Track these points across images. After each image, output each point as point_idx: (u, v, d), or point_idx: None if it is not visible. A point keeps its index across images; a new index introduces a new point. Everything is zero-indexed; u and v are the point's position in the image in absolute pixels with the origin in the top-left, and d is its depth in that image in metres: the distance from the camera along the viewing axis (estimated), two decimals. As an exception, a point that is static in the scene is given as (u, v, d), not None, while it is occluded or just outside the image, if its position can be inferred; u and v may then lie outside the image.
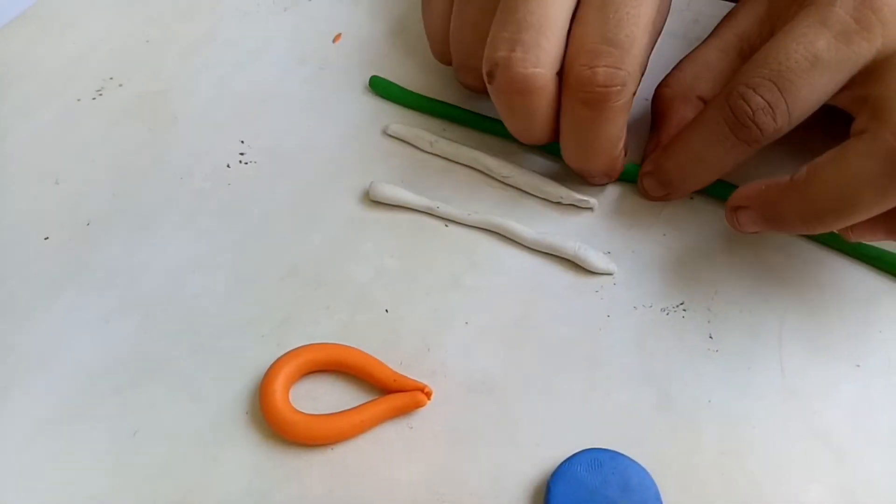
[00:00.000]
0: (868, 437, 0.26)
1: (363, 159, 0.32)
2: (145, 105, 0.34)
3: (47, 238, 0.30)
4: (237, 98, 0.34)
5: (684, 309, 0.28)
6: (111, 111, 0.34)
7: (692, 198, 0.31)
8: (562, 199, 0.31)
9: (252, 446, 0.25)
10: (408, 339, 0.28)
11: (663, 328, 0.28)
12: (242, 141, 0.33)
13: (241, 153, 0.33)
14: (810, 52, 0.24)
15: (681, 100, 0.30)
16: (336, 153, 0.33)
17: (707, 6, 0.37)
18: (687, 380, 0.27)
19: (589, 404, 0.26)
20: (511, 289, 0.29)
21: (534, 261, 0.30)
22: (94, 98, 0.34)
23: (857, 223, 0.24)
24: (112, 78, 0.35)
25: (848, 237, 0.26)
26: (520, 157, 0.32)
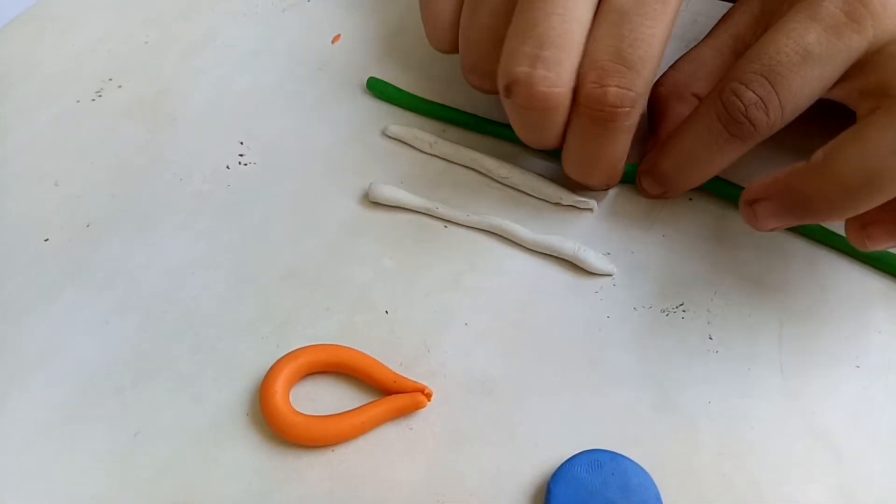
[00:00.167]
0: (868, 438, 0.26)
1: (362, 160, 0.32)
2: (145, 106, 0.34)
3: (47, 239, 0.30)
4: (236, 99, 0.34)
5: (684, 310, 0.28)
6: (111, 112, 0.34)
7: (691, 198, 0.31)
8: (561, 201, 0.31)
9: (252, 447, 0.25)
10: (408, 341, 0.28)
11: (663, 329, 0.28)
12: (242, 142, 0.33)
13: (241, 154, 0.33)
14: (801, 46, 0.24)
15: (676, 98, 0.30)
16: (335, 154, 0.33)
17: (705, 7, 0.37)
18: (687, 380, 0.27)
19: (589, 405, 0.26)
20: (510, 290, 0.29)
21: (533, 262, 0.30)
22: (94, 99, 0.34)
23: (875, 225, 0.24)
24: (111, 79, 0.35)
25: (864, 245, 0.25)
26: (519, 159, 0.32)
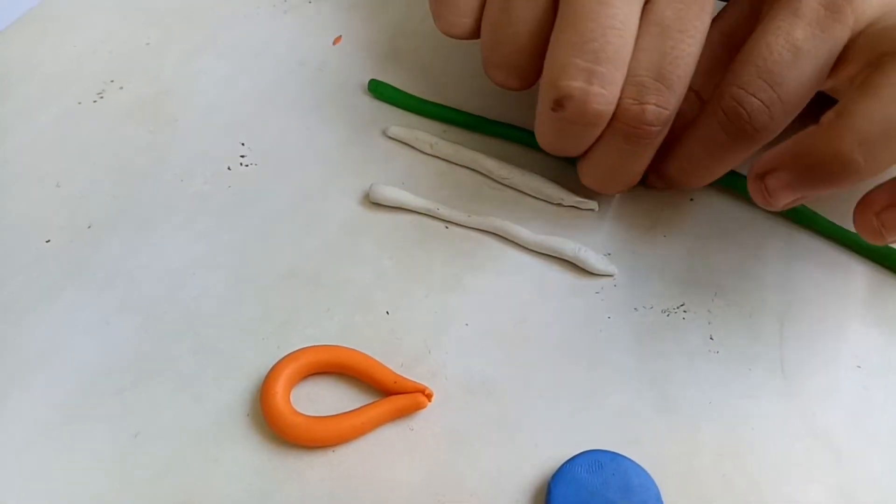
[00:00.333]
0: (868, 438, 0.26)
1: (363, 161, 0.32)
2: (146, 107, 0.34)
3: (48, 240, 0.30)
4: (237, 100, 0.35)
5: (685, 310, 0.28)
6: (112, 114, 0.34)
7: (692, 198, 0.31)
8: (562, 201, 0.31)
9: (253, 448, 0.25)
10: (408, 341, 0.28)
11: (663, 329, 0.28)
12: (243, 143, 0.33)
13: (242, 155, 0.33)
14: (790, 44, 0.24)
15: None
16: (336, 155, 0.33)
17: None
18: (687, 381, 0.27)
19: (589, 405, 0.26)
20: (511, 290, 0.29)
21: (534, 262, 0.30)
22: (95, 101, 0.35)
23: (890, 210, 0.23)
24: (113, 80, 0.35)
25: (879, 235, 0.23)
26: (520, 159, 0.32)
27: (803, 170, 0.23)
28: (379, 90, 0.34)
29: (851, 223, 0.24)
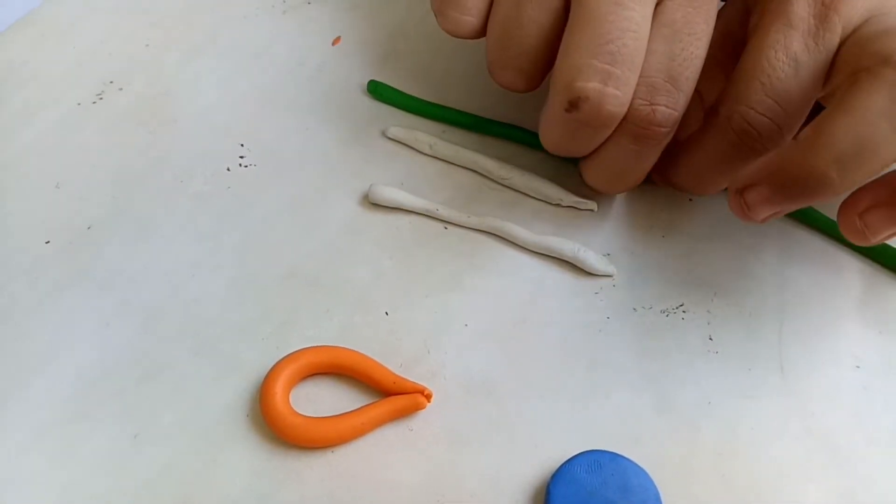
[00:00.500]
0: (867, 439, 0.26)
1: (363, 162, 0.32)
2: (146, 108, 0.34)
3: (48, 242, 0.30)
4: (237, 101, 0.35)
5: (684, 310, 0.28)
6: (112, 115, 0.34)
7: (691, 199, 0.31)
8: (561, 202, 0.31)
9: (252, 449, 0.25)
10: (407, 342, 0.28)
11: (663, 330, 0.28)
12: (242, 144, 0.33)
13: (241, 156, 0.33)
14: (790, 58, 0.25)
15: None
16: (335, 156, 0.33)
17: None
18: (687, 381, 0.27)
19: (589, 406, 0.26)
20: (510, 291, 0.29)
21: (533, 263, 0.30)
22: (95, 102, 0.35)
23: (871, 212, 0.23)
24: (112, 82, 0.35)
25: (864, 237, 0.24)
26: (519, 160, 0.32)
27: (781, 185, 0.23)
28: (378, 91, 0.34)
29: None
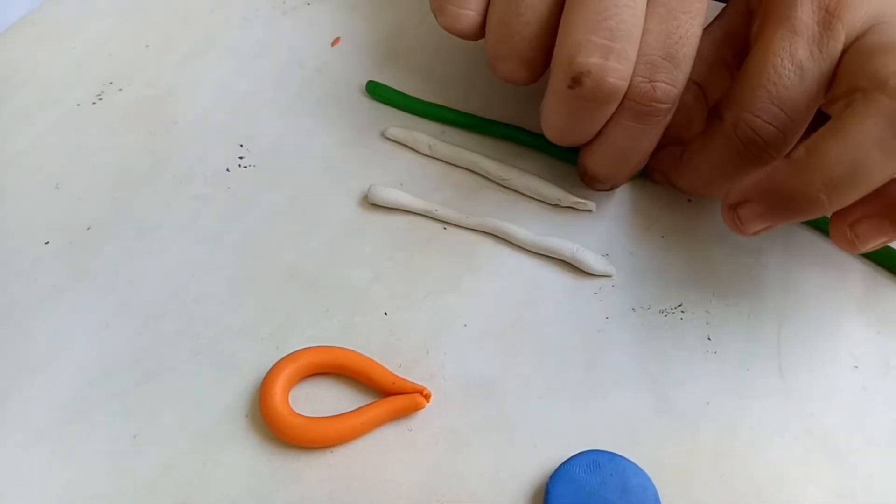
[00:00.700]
0: (866, 439, 0.26)
1: (362, 162, 0.32)
2: (145, 109, 0.34)
3: (48, 242, 0.30)
4: (236, 102, 0.35)
5: (682, 311, 0.28)
6: (111, 116, 0.34)
7: (690, 199, 0.31)
8: (560, 202, 0.31)
9: (252, 449, 0.25)
10: (407, 342, 0.28)
11: (662, 330, 0.28)
12: (242, 145, 0.33)
13: (241, 157, 0.33)
14: (796, 65, 0.25)
15: None
16: (335, 156, 0.33)
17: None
18: (685, 381, 0.27)
19: (587, 406, 0.26)
20: (509, 291, 0.29)
21: (532, 263, 0.30)
22: (95, 103, 0.35)
23: (861, 223, 0.24)
24: (112, 82, 0.35)
25: (854, 245, 0.24)
26: (518, 160, 0.32)
27: (773, 204, 0.24)
28: (377, 91, 0.34)
29: None
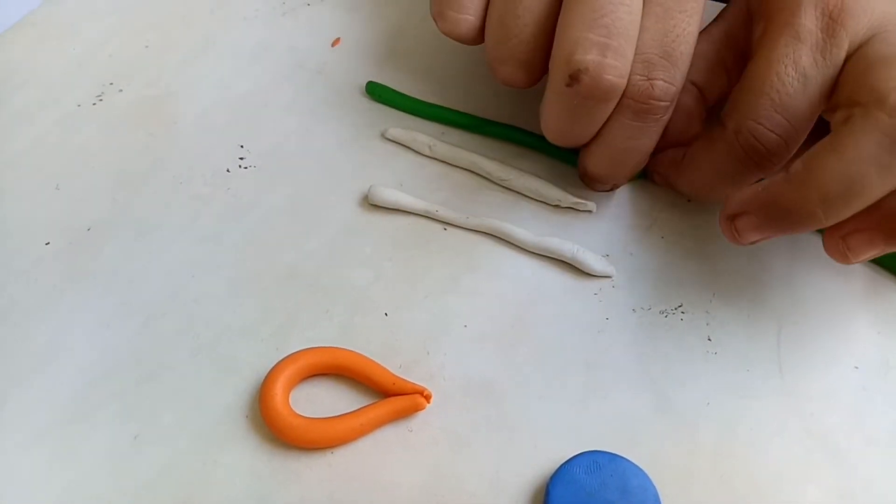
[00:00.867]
0: (866, 439, 0.26)
1: (362, 163, 0.32)
2: (145, 110, 0.34)
3: (48, 243, 0.30)
4: (236, 102, 0.35)
5: (683, 311, 0.28)
6: (111, 116, 0.34)
7: (690, 200, 0.31)
8: (560, 203, 0.31)
9: (252, 450, 0.25)
10: (407, 343, 0.28)
11: (662, 330, 0.28)
12: (242, 145, 0.33)
13: (241, 157, 0.33)
14: (799, 73, 0.25)
15: None
16: (335, 157, 0.33)
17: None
18: (685, 382, 0.27)
19: (588, 407, 0.26)
20: (510, 292, 0.29)
21: (532, 264, 0.30)
22: (95, 103, 0.35)
23: (854, 235, 0.24)
24: (112, 83, 0.35)
25: (845, 257, 0.25)
26: (518, 161, 0.32)
27: (770, 217, 0.25)
28: (377, 92, 0.34)
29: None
